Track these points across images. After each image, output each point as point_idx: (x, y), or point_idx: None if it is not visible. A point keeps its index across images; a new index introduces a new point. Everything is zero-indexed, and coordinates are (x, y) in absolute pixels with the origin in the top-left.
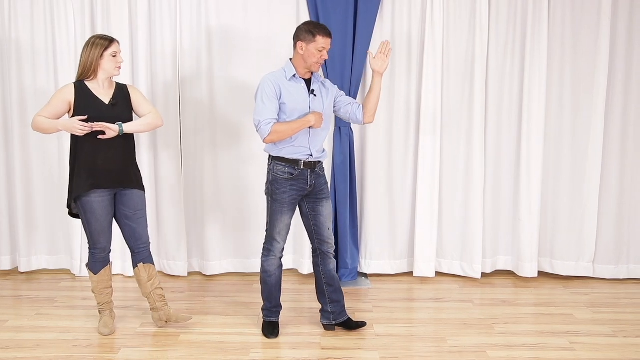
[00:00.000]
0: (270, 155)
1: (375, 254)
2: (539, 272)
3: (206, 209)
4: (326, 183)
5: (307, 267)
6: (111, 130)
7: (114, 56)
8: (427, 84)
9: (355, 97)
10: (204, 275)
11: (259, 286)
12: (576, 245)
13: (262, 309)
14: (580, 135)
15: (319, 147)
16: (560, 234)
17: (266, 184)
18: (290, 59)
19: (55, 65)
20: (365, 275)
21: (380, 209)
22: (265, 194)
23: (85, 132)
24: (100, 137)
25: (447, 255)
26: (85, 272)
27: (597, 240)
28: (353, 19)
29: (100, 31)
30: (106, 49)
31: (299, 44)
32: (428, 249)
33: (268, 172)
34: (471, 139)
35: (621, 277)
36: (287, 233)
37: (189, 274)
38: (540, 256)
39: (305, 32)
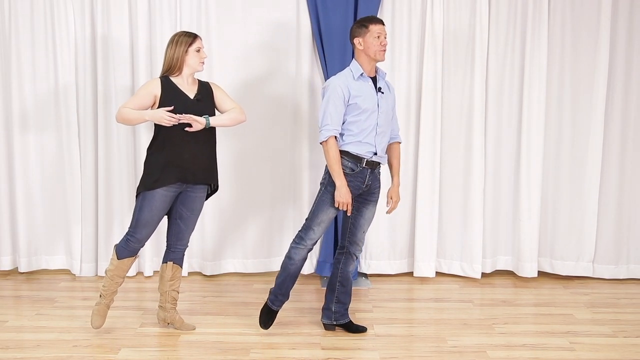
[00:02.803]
0: None
1: (375, 254)
2: (538, 272)
3: (206, 210)
4: (379, 187)
5: (307, 268)
6: (198, 122)
7: (197, 51)
8: (427, 84)
9: None
10: (204, 275)
11: (259, 286)
12: (576, 245)
13: (270, 291)
14: (580, 135)
15: (383, 147)
16: (560, 233)
17: (324, 173)
18: (354, 59)
19: (55, 62)
20: (365, 275)
21: (380, 209)
22: (320, 183)
23: (172, 123)
24: (187, 129)
25: (447, 255)
26: (85, 272)
27: (596, 240)
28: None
29: (100, 32)
30: (190, 44)
31: (356, 40)
32: (428, 249)
33: None
34: (471, 139)
35: (621, 277)
36: (326, 228)
37: (189, 274)
38: (540, 256)
39: (358, 27)
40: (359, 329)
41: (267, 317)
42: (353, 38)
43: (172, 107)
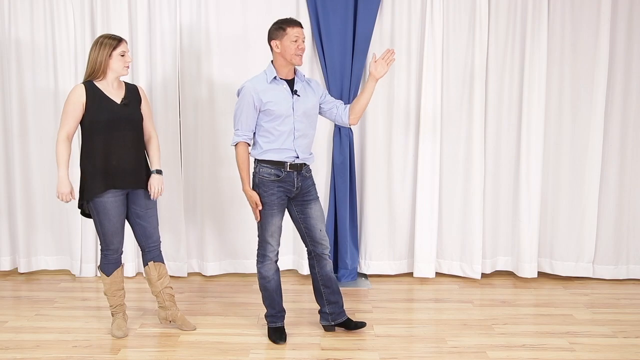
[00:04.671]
0: (255, 159)
1: (375, 254)
2: (538, 272)
3: (206, 210)
4: (313, 185)
5: (306, 268)
6: (162, 187)
7: (122, 55)
8: (427, 84)
9: (354, 99)
10: (204, 276)
11: (258, 287)
12: (576, 246)
13: (266, 316)
14: (580, 136)
15: (305, 149)
16: (559, 234)
17: (252, 188)
18: (271, 61)
19: (55, 65)
20: (365, 275)
21: (380, 210)
22: None
23: (64, 201)
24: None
25: (447, 255)
26: (85, 272)
27: (596, 241)
28: (353, 20)
29: (99, 31)
30: (114, 48)
31: (273, 42)
32: (428, 249)
33: (253, 175)
34: (471, 140)
35: (621, 278)
36: (280, 235)
37: (189, 274)
38: (540, 257)
39: (275, 29)
40: (357, 325)
41: (277, 334)
42: (270, 40)
43: (72, 194)
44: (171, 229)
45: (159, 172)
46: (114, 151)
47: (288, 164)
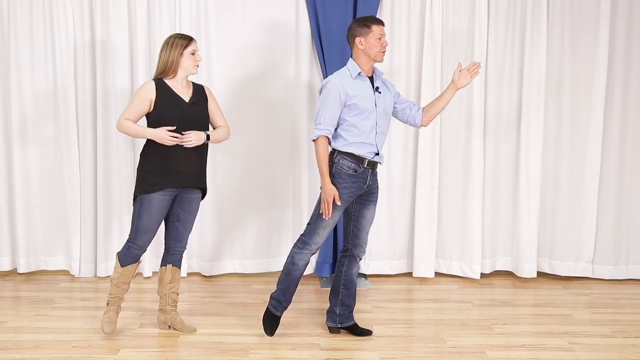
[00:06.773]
0: (335, 150)
1: (375, 254)
2: (538, 272)
3: (205, 210)
4: (378, 187)
5: (306, 269)
6: (198, 140)
7: (192, 54)
8: (426, 84)
9: None
10: (204, 276)
11: (258, 287)
12: (575, 246)
13: (272, 297)
14: (579, 136)
15: (382, 146)
16: (559, 234)
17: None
18: (351, 58)
19: (54, 65)
20: (364, 275)
21: (379, 210)
22: (321, 187)
23: (174, 143)
24: (186, 145)
25: (446, 255)
26: (84, 272)
27: (596, 241)
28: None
29: (99, 32)
30: (186, 47)
31: (357, 39)
32: (427, 249)
33: (331, 165)
34: (470, 140)
35: (620, 278)
36: (330, 231)
37: (189, 274)
38: (539, 257)
39: (359, 26)
40: (363, 332)
41: (271, 323)
42: (354, 37)
43: (174, 127)
44: None
45: (207, 135)
46: (177, 150)
47: (367, 160)
